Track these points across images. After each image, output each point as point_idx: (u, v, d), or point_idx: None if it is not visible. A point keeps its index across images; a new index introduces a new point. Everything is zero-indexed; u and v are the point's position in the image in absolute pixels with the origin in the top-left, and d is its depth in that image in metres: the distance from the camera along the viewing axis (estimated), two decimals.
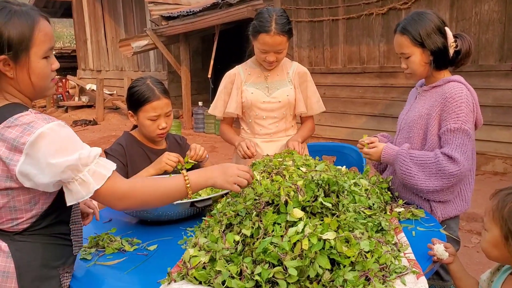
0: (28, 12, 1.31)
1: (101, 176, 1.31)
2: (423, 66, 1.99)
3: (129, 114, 2.28)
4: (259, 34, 2.38)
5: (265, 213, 1.36)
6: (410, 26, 1.96)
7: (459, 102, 1.88)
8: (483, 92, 5.34)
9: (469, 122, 1.88)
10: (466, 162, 1.85)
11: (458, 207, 1.99)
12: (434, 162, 1.86)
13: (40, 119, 1.26)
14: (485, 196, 5.00)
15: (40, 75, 1.34)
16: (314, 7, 6.97)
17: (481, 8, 5.33)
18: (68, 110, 14.26)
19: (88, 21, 14.76)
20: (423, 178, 1.88)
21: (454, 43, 1.97)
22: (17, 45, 1.27)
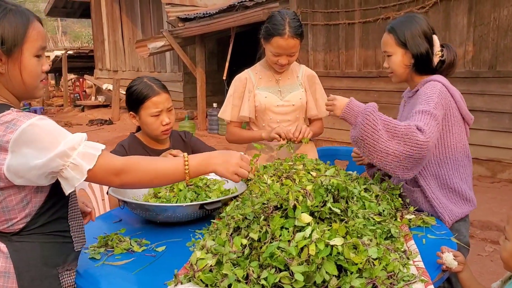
0: (23, 11, 1.36)
1: (91, 156, 1.31)
2: (403, 68, 2.01)
3: (130, 116, 2.29)
4: (272, 37, 2.38)
5: (273, 218, 1.35)
6: (398, 27, 1.99)
7: (430, 93, 1.87)
8: (501, 99, 5.27)
9: (438, 110, 1.82)
10: (431, 141, 1.72)
11: (463, 208, 1.94)
12: (405, 125, 1.72)
13: (22, 116, 1.27)
14: (500, 204, 4.93)
15: (32, 72, 1.37)
16: (330, 10, 6.95)
17: (500, 13, 5.26)
18: (85, 109, 14.44)
19: (106, 22, 14.93)
20: (386, 137, 1.72)
21: (440, 52, 1.98)
22: (11, 39, 1.30)
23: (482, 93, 5.24)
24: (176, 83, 12.21)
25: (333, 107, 1.91)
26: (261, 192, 1.69)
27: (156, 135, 2.27)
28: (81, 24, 39.32)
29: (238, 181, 1.53)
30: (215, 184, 2.04)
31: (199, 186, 1.98)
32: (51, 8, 15.91)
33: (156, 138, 2.31)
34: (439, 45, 1.99)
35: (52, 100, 17.40)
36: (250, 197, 1.62)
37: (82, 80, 16.05)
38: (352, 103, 1.85)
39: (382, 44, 2.07)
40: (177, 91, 12.12)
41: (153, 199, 1.94)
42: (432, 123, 1.78)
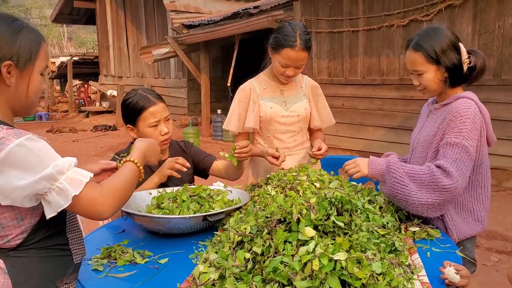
0: (34, 28, 1.39)
1: (78, 182, 1.29)
2: (437, 83, 1.94)
3: (128, 129, 2.28)
4: (283, 48, 2.38)
5: (276, 231, 1.35)
6: (425, 43, 1.90)
7: (464, 118, 1.83)
8: (506, 107, 5.25)
9: (471, 139, 1.81)
10: (461, 179, 1.77)
11: (472, 228, 1.94)
12: (427, 173, 1.78)
13: (11, 135, 1.25)
14: (506, 213, 4.91)
15: (36, 89, 1.39)
16: (334, 18, 6.96)
17: (504, 21, 5.24)
18: (89, 115, 14.50)
19: (111, 28, 15.02)
20: (415, 189, 1.78)
21: (467, 59, 1.92)
22: (26, 55, 1.33)
23: (487, 101, 5.20)
24: (181, 89, 12.24)
25: (358, 168, 1.94)
26: (265, 204, 1.68)
27: None
28: (87, 30, 39.58)
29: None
30: (218, 195, 2.03)
31: (202, 197, 1.98)
32: (57, 14, 16.02)
33: None
34: (466, 52, 1.93)
35: (57, 106, 17.49)
36: (253, 209, 1.62)
37: (87, 86, 16.13)
38: (373, 162, 1.91)
39: (409, 64, 1.97)
40: (181, 97, 12.14)
41: (156, 210, 1.94)
42: (463, 158, 1.78)
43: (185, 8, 11.27)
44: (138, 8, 13.55)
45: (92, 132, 12.05)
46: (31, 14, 36.78)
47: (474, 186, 1.94)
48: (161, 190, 2.07)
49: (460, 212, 1.94)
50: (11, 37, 1.31)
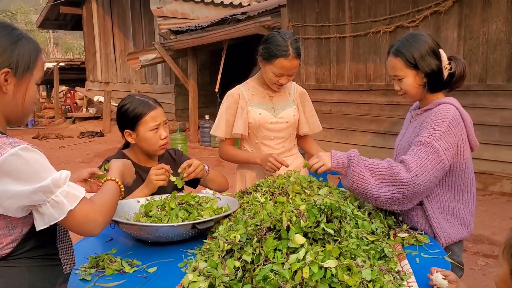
0: (33, 39, 1.40)
1: (74, 197, 1.30)
2: (416, 88, 1.97)
3: (126, 134, 2.26)
4: (276, 58, 2.39)
5: (266, 239, 1.34)
6: (404, 48, 1.94)
7: (441, 121, 1.85)
8: (491, 112, 5.32)
9: (443, 141, 1.82)
10: (422, 175, 1.78)
11: (459, 232, 1.95)
12: (387, 167, 1.81)
13: (5, 143, 1.24)
14: (492, 217, 4.95)
15: (32, 98, 1.39)
16: (321, 24, 7.01)
17: (488, 27, 5.33)
18: (76, 121, 14.38)
19: (97, 34, 14.94)
20: (374, 183, 1.82)
21: (448, 65, 1.95)
22: (25, 64, 1.33)
23: (472, 106, 5.28)
24: (168, 95, 12.20)
25: (321, 162, 1.95)
26: (254, 212, 1.68)
27: (154, 150, 2.27)
28: (73, 36, 39.32)
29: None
30: (207, 202, 2.02)
31: (191, 205, 1.96)
32: (43, 20, 15.90)
33: (153, 154, 2.30)
34: (447, 58, 1.96)
35: (43, 112, 17.31)
36: (243, 217, 1.61)
37: (73, 92, 16.01)
38: (335, 156, 1.93)
39: (389, 69, 2.02)
40: (169, 103, 12.11)
41: (144, 218, 1.92)
42: (429, 156, 1.79)
43: (172, 14, 11.26)
44: (125, 14, 13.51)
45: (78, 138, 11.95)
46: (16, 20, 36.42)
47: (460, 191, 1.95)
48: (149, 198, 2.06)
49: (447, 217, 1.95)
50: (10, 45, 1.31)
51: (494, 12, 5.26)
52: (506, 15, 5.17)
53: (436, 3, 5.68)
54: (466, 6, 5.46)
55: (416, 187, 1.78)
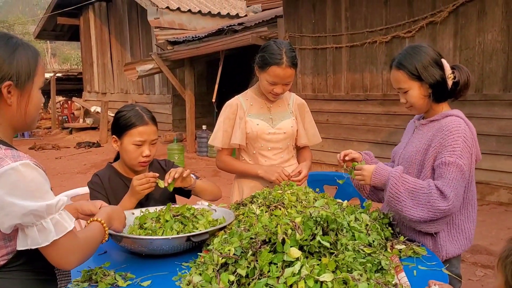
0: (29, 45, 1.39)
1: (62, 228, 1.28)
2: (422, 99, 1.97)
3: (112, 139, 2.25)
4: (269, 66, 2.38)
5: (261, 253, 1.32)
6: (406, 61, 1.95)
7: (456, 136, 1.85)
8: (488, 121, 5.32)
9: (464, 157, 1.84)
10: (456, 200, 1.81)
11: (462, 246, 1.94)
12: (426, 193, 1.82)
13: (8, 156, 1.24)
14: (489, 228, 4.93)
15: (37, 105, 1.39)
16: (317, 34, 7.03)
17: (484, 37, 5.35)
18: (73, 131, 14.35)
19: (95, 45, 14.96)
20: (410, 205, 1.84)
21: (451, 74, 1.95)
22: (25, 74, 1.33)
23: (469, 115, 5.21)
24: (165, 105, 12.20)
25: (362, 177, 1.99)
26: (250, 224, 1.66)
27: (132, 165, 2.22)
28: (71, 46, 39.39)
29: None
30: (202, 214, 2.00)
31: (186, 217, 1.94)
32: (40, 31, 15.93)
33: (131, 168, 2.25)
34: (450, 67, 1.96)
35: (40, 122, 17.27)
36: (238, 230, 1.59)
37: (70, 102, 15.99)
38: (376, 173, 1.94)
39: (394, 82, 2.02)
40: (166, 113, 12.10)
41: (138, 230, 1.90)
42: (458, 177, 1.82)
43: (170, 25, 11.29)
44: (123, 24, 13.54)
45: (75, 149, 11.90)
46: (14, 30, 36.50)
47: (465, 204, 1.95)
48: (143, 210, 2.04)
49: (450, 230, 1.94)
50: (8, 57, 1.31)
51: (490, 22, 5.29)
52: (501, 25, 5.19)
53: (432, 13, 5.71)
54: (462, 17, 5.49)
55: (450, 212, 1.83)
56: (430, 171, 1.92)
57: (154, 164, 2.37)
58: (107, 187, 2.21)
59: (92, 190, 2.21)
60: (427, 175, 1.93)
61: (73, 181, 7.86)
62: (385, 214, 1.99)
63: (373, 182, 1.96)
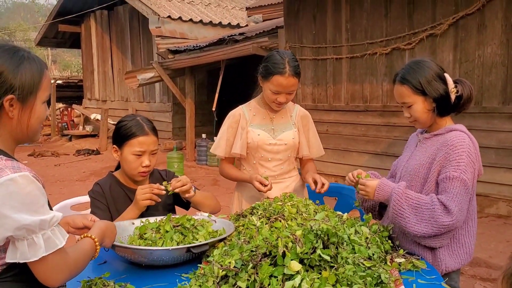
0: (35, 58, 1.40)
1: (53, 244, 1.28)
2: (426, 113, 1.98)
3: (113, 149, 2.27)
4: (272, 75, 2.40)
5: (262, 265, 1.32)
6: (409, 75, 1.96)
7: (460, 151, 1.87)
8: (487, 134, 5.34)
9: (468, 172, 1.86)
10: (460, 214, 1.82)
11: (462, 260, 1.95)
12: (430, 208, 1.83)
13: (8, 167, 1.24)
14: (488, 240, 4.93)
15: (39, 118, 1.40)
16: (318, 45, 7.07)
17: (484, 50, 5.38)
18: (72, 139, 14.34)
19: (96, 52, 15.01)
20: (414, 221, 1.85)
21: (454, 88, 1.97)
22: (28, 88, 1.34)
23: (469, 128, 5.21)
24: (165, 113, 12.22)
25: (366, 192, 2.00)
26: (250, 236, 1.66)
27: (132, 175, 2.24)
28: (71, 53, 39.51)
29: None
30: (202, 225, 2.00)
31: (186, 228, 1.94)
32: (42, 38, 15.97)
33: (131, 178, 2.27)
34: (452, 81, 1.98)
35: None
36: (238, 242, 1.59)
37: (70, 109, 16.00)
38: (380, 189, 1.95)
39: (397, 97, 2.03)
40: (166, 122, 12.12)
41: (138, 240, 1.90)
42: (462, 192, 1.84)
43: (171, 34, 11.34)
44: (124, 32, 13.60)
45: (74, 156, 11.89)
46: (15, 37, 36.63)
47: (466, 219, 1.96)
48: (144, 220, 2.04)
49: (452, 245, 1.94)
50: (13, 70, 1.32)
51: (489, 36, 5.32)
52: (501, 39, 5.23)
53: (432, 26, 5.74)
54: (462, 29, 5.52)
55: (454, 227, 1.84)
56: (434, 185, 1.93)
57: (155, 174, 2.37)
58: (108, 196, 2.22)
59: (92, 199, 2.22)
60: (430, 189, 1.94)
61: (72, 189, 7.85)
62: (385, 227, 2.00)
63: (377, 197, 1.97)
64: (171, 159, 8.81)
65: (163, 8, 11.68)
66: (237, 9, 14.34)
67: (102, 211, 2.16)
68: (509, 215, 5.32)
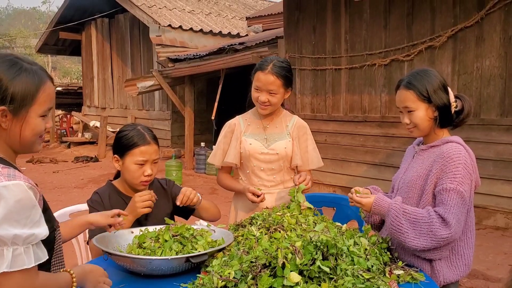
0: (37, 71, 1.38)
1: (20, 263, 1.22)
2: (427, 121, 1.99)
3: (114, 159, 2.26)
4: (256, 72, 2.48)
5: (261, 277, 1.33)
6: (416, 81, 1.98)
7: (457, 163, 1.88)
8: (485, 146, 5.36)
9: (465, 184, 1.87)
10: (458, 226, 1.83)
11: (461, 272, 1.95)
12: (427, 222, 1.84)
13: (3, 174, 1.25)
14: (486, 252, 4.93)
15: (34, 131, 1.38)
16: (317, 56, 7.10)
17: (482, 63, 5.42)
18: (71, 145, 14.33)
19: (96, 60, 15.06)
20: (412, 236, 1.86)
21: (454, 103, 1.99)
22: (20, 100, 1.33)
23: (467, 140, 5.24)
24: (164, 121, 12.24)
25: (360, 205, 2.02)
26: (249, 247, 1.66)
27: (135, 184, 2.24)
28: (71, 60, 39.61)
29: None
30: (201, 234, 2.00)
31: (185, 237, 1.95)
32: (42, 45, 16.03)
33: (133, 187, 2.26)
34: (453, 96, 2.00)
35: None
36: (238, 253, 1.59)
37: (69, 116, 16.01)
38: (375, 205, 1.96)
39: (400, 101, 2.03)
40: (165, 130, 12.13)
41: (137, 249, 1.90)
42: (459, 204, 1.85)
43: (171, 42, 11.39)
44: (124, 40, 13.66)
45: (73, 163, 11.87)
46: (15, 44, 36.74)
47: (464, 230, 1.97)
48: (143, 229, 2.04)
49: (450, 257, 1.95)
50: (7, 81, 1.31)
51: (488, 48, 5.36)
52: (499, 51, 5.27)
53: (431, 38, 5.78)
54: (460, 42, 5.57)
55: (453, 238, 1.84)
56: (431, 197, 1.94)
57: (155, 183, 2.38)
58: (106, 205, 2.22)
59: (91, 208, 2.22)
60: (428, 201, 1.95)
61: (70, 196, 7.84)
62: (384, 238, 2.00)
63: (373, 212, 2.00)
64: (170, 167, 8.81)
65: (163, 17, 11.74)
66: (237, 19, 14.42)
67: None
68: (507, 227, 5.32)
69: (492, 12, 5.27)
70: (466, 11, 5.48)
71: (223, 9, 14.90)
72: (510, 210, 5.31)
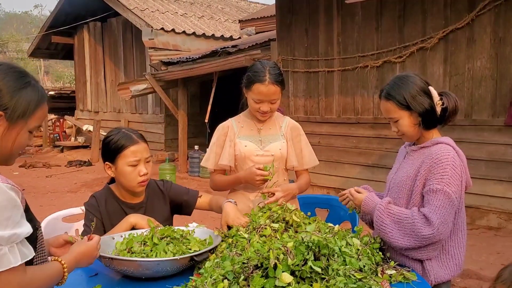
0: (40, 89, 1.42)
1: (5, 262, 1.22)
2: (412, 127, 2.01)
3: (106, 167, 2.22)
4: (253, 84, 2.43)
5: (253, 278, 1.33)
6: (394, 91, 1.99)
7: (445, 164, 1.89)
8: (477, 146, 5.39)
9: (452, 185, 1.88)
10: (442, 226, 1.84)
11: (452, 272, 1.96)
12: (410, 222, 1.87)
13: None
14: (480, 252, 4.95)
15: (20, 144, 1.40)
16: (310, 58, 7.13)
17: (473, 64, 5.46)
18: (64, 150, 14.28)
19: (88, 63, 15.02)
20: (397, 235, 1.90)
21: (440, 101, 2.00)
22: (20, 111, 1.35)
23: (459, 140, 5.30)
24: (158, 124, 12.22)
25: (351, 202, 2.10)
26: (241, 248, 1.67)
27: (132, 187, 2.20)
28: (64, 64, 39.42)
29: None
30: (187, 235, 2.00)
31: (175, 238, 1.94)
32: (34, 49, 15.97)
33: (131, 190, 2.23)
34: (437, 94, 2.01)
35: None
36: (230, 254, 1.60)
37: (62, 120, 15.94)
38: (364, 204, 2.03)
39: (384, 112, 2.07)
40: (159, 133, 12.11)
41: (127, 254, 1.89)
42: (445, 205, 1.86)
43: (164, 46, 11.39)
44: (117, 44, 13.63)
45: (66, 167, 11.83)
46: (7, 48, 36.53)
47: (455, 231, 1.98)
48: (123, 235, 2.02)
49: (440, 256, 1.96)
50: (13, 91, 1.34)
51: (479, 49, 5.40)
52: (490, 52, 5.31)
53: (422, 39, 5.82)
54: (451, 43, 5.61)
55: (437, 238, 1.86)
56: (420, 197, 1.96)
57: (151, 185, 2.35)
58: (102, 210, 2.20)
59: (87, 211, 2.20)
60: (417, 201, 1.96)
61: (64, 200, 7.80)
62: (375, 238, 2.01)
63: (363, 211, 2.06)
64: (163, 170, 8.79)
65: (156, 20, 11.74)
66: (230, 22, 14.44)
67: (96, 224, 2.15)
68: (500, 227, 5.36)
69: (482, 14, 5.31)
70: (457, 12, 5.52)
71: (215, 12, 14.92)
72: (503, 210, 5.34)
